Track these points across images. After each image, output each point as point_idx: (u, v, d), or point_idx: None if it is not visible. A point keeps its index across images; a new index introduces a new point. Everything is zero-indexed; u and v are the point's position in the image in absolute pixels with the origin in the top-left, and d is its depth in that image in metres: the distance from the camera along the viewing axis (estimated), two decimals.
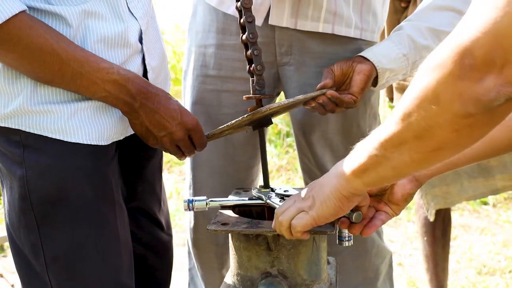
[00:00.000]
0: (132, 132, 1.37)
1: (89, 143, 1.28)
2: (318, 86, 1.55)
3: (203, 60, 1.83)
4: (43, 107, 1.26)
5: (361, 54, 1.59)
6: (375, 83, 1.61)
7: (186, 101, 1.90)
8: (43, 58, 1.20)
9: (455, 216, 3.56)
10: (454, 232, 3.35)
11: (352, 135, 1.82)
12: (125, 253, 1.36)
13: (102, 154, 1.31)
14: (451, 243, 2.64)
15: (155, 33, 1.45)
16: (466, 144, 0.87)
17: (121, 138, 1.36)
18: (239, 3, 1.41)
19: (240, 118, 1.33)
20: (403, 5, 2.31)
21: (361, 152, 1.01)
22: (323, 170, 1.82)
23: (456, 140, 0.85)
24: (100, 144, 1.30)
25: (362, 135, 1.81)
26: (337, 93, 1.53)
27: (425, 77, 0.83)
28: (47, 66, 1.21)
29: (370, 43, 1.77)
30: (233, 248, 1.32)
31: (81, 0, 1.24)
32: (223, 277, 1.62)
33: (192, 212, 1.93)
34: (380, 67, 1.57)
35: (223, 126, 1.38)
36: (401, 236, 3.45)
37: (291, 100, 1.41)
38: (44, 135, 1.26)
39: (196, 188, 1.93)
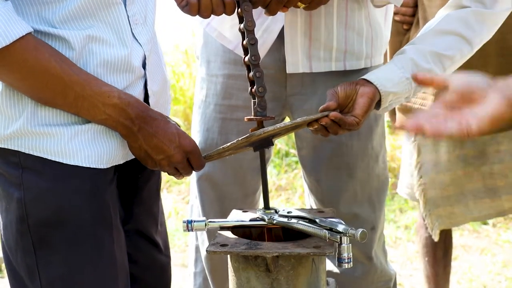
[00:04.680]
0: (133, 157, 1.37)
1: (89, 166, 1.28)
2: (321, 108, 1.55)
3: (214, 89, 1.86)
4: (43, 129, 1.25)
5: (365, 77, 1.59)
6: (378, 105, 1.62)
7: (195, 127, 1.92)
8: (46, 80, 1.21)
9: (455, 236, 3.54)
10: (455, 252, 3.33)
11: (367, 156, 1.85)
12: (121, 276, 1.35)
13: (101, 177, 1.31)
14: (452, 264, 2.61)
15: (157, 58, 1.45)
16: None
17: (121, 162, 1.37)
18: (242, 25, 1.41)
19: (235, 140, 1.34)
20: (405, 27, 2.31)
21: None
22: (332, 191, 1.84)
23: None
24: (99, 167, 1.30)
25: (376, 154, 1.85)
26: (340, 115, 1.52)
27: None
28: (49, 87, 1.22)
29: (377, 66, 1.79)
30: (232, 270, 1.31)
31: (86, 25, 1.25)
32: None
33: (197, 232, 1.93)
34: (383, 90, 1.57)
35: (219, 148, 1.39)
36: (401, 256, 3.43)
37: (287, 123, 1.41)
38: (44, 157, 1.26)
39: (202, 213, 1.93)
